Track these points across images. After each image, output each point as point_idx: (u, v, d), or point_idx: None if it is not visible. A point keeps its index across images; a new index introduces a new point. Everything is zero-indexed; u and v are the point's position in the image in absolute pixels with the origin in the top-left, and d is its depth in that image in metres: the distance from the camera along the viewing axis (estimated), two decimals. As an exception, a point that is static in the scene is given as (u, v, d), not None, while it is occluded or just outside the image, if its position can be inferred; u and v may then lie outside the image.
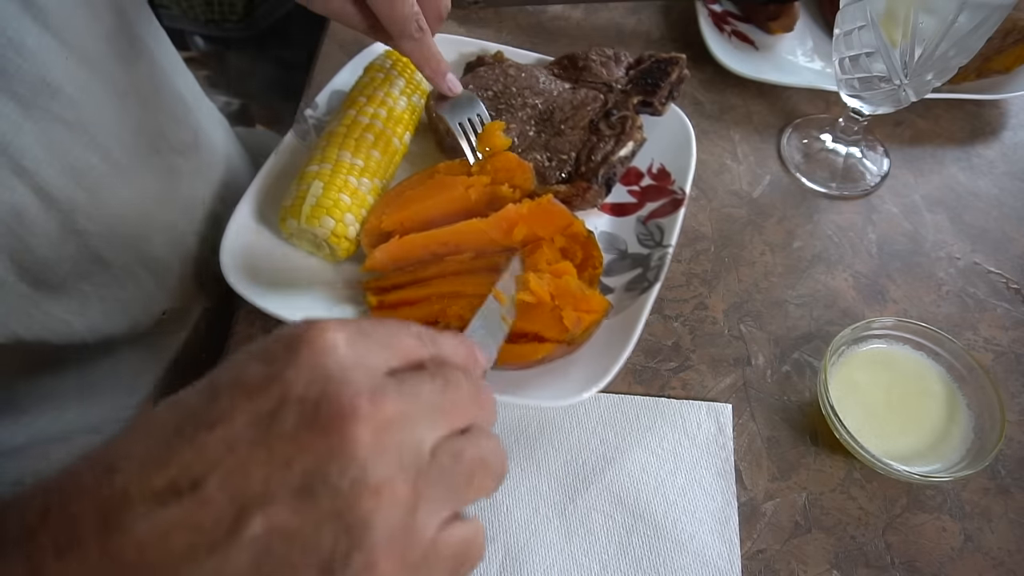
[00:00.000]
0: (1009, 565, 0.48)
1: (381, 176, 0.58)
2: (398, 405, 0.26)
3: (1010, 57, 0.72)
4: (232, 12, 0.98)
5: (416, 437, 0.26)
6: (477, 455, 0.28)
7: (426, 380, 0.28)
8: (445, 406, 0.28)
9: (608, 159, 0.58)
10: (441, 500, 0.26)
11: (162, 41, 0.56)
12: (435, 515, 0.26)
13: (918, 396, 0.52)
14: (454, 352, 0.31)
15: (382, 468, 0.24)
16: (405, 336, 0.29)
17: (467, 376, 0.30)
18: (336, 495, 0.23)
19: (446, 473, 0.26)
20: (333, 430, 0.24)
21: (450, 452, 0.27)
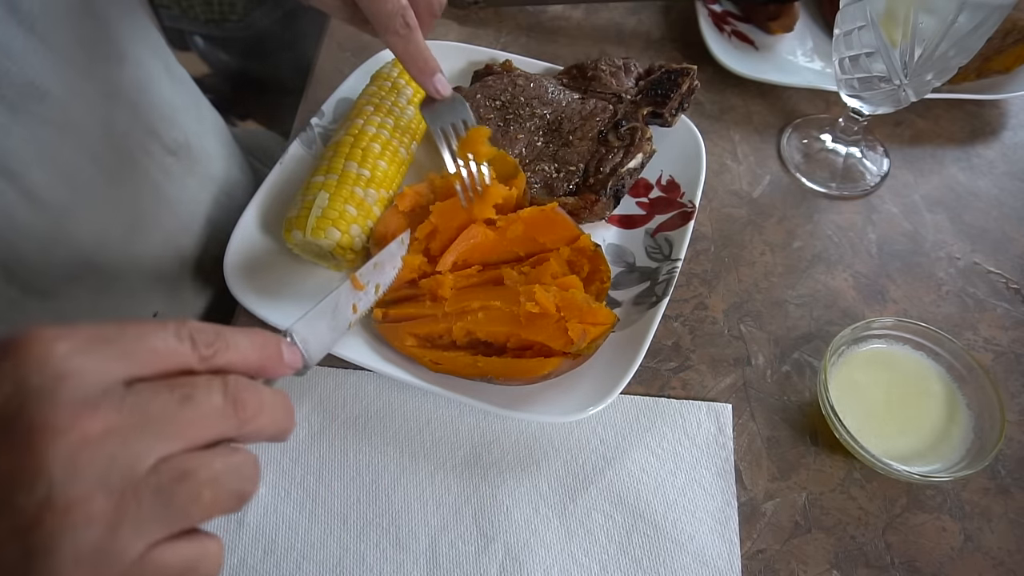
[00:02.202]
0: (1009, 565, 0.48)
1: (388, 186, 0.57)
2: (109, 419, 0.24)
3: (1010, 57, 0.72)
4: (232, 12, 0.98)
5: (129, 452, 0.24)
6: (210, 474, 0.26)
7: (162, 392, 0.26)
8: (180, 420, 0.26)
9: (617, 171, 0.58)
10: (155, 519, 0.25)
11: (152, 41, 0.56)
12: (144, 535, 0.24)
13: (918, 396, 0.52)
14: (242, 355, 0.30)
15: (76, 486, 0.23)
16: (161, 340, 0.27)
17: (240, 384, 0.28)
18: (18, 515, 0.22)
19: (164, 491, 0.25)
20: (22, 447, 0.23)
21: (176, 469, 0.25)
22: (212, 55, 1.06)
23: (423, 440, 0.51)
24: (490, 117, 0.62)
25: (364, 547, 0.47)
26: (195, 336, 0.28)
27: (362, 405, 0.52)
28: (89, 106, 0.46)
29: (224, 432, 0.27)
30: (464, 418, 0.52)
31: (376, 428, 0.52)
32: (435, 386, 0.49)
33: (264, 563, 0.46)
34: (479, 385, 0.49)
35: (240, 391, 0.28)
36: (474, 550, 0.47)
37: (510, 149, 0.60)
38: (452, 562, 0.47)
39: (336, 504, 0.48)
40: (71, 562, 0.23)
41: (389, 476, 0.50)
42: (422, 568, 0.46)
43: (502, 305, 0.50)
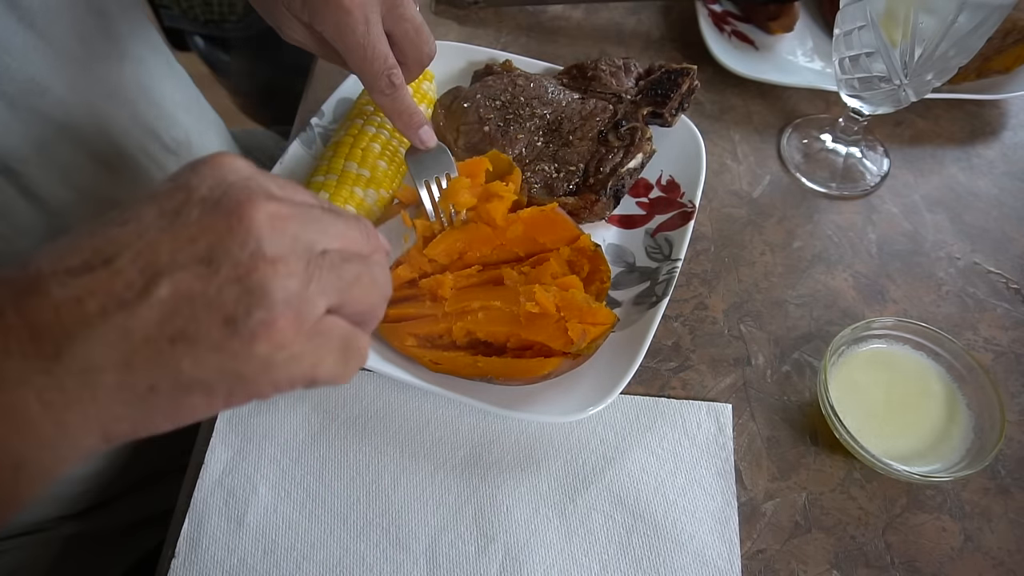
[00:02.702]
0: (1009, 565, 0.48)
1: (388, 187, 0.57)
2: (289, 210, 0.28)
3: (1010, 57, 0.72)
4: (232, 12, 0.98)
5: (308, 235, 0.29)
6: (365, 268, 0.31)
7: (320, 210, 0.31)
8: (337, 227, 0.30)
9: (617, 171, 0.58)
10: (330, 287, 0.29)
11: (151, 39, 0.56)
12: (325, 296, 0.29)
13: (918, 396, 0.52)
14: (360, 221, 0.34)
15: (277, 245, 0.27)
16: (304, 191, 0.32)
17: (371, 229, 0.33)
18: (237, 263, 0.26)
19: (335, 268, 0.29)
20: (233, 212, 0.27)
21: (340, 256, 0.30)
22: (212, 55, 1.06)
23: (423, 440, 0.51)
24: (490, 117, 0.62)
25: (364, 547, 0.47)
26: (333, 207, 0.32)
27: (362, 405, 0.52)
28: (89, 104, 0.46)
29: (362, 248, 0.32)
30: (464, 418, 0.52)
31: (376, 428, 0.52)
32: (435, 386, 0.49)
33: (264, 563, 0.46)
34: (479, 385, 0.49)
35: (369, 228, 0.33)
36: (474, 550, 0.47)
37: (510, 149, 0.60)
38: (452, 562, 0.47)
39: (336, 504, 0.48)
40: (281, 301, 0.27)
41: (389, 476, 0.50)
42: (422, 568, 0.46)
43: (502, 305, 0.50)
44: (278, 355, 0.27)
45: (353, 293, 0.30)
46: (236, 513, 0.48)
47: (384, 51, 0.46)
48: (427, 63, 0.51)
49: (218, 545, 0.47)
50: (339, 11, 0.43)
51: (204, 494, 0.48)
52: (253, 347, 0.26)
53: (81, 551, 0.63)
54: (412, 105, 0.50)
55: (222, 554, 0.46)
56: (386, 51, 0.46)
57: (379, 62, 0.46)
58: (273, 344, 0.27)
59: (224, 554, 0.46)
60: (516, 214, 0.54)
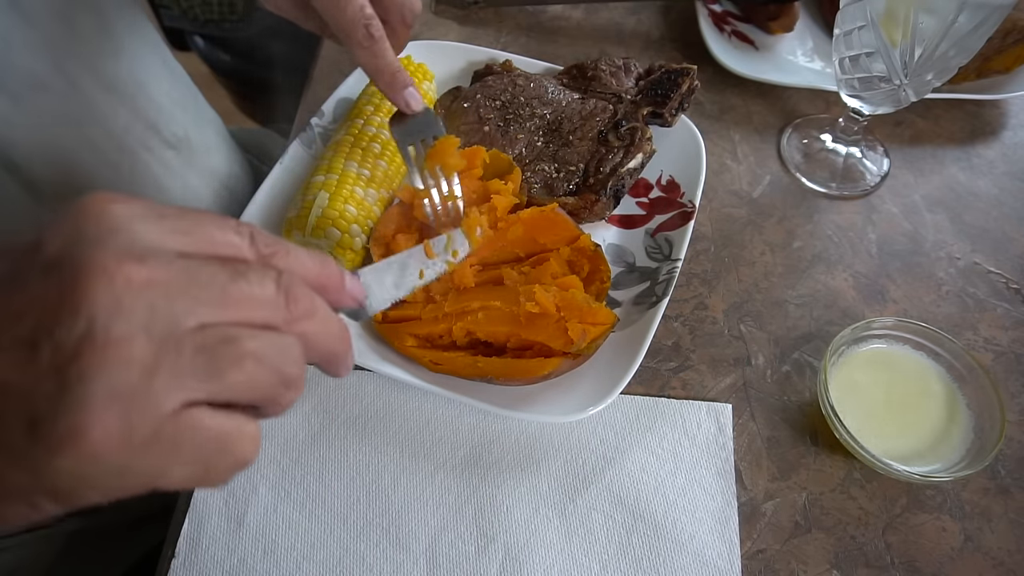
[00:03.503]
0: (1009, 565, 0.48)
1: (388, 186, 0.57)
2: (156, 273, 0.24)
3: (1010, 57, 0.72)
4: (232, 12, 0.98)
5: (173, 307, 0.24)
6: (254, 346, 0.25)
7: (214, 264, 0.25)
8: (229, 293, 0.25)
9: (617, 171, 0.58)
10: (194, 376, 0.24)
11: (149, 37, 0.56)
12: (181, 388, 0.23)
13: (918, 396, 0.52)
14: (301, 265, 0.29)
15: (117, 325, 0.22)
16: (219, 228, 0.27)
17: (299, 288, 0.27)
18: (58, 349, 0.22)
19: (207, 350, 0.24)
20: (68, 284, 0.23)
21: (220, 333, 0.24)
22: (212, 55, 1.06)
23: (423, 440, 0.51)
24: (490, 117, 0.62)
25: (364, 547, 0.47)
26: (255, 235, 0.27)
27: (362, 405, 0.52)
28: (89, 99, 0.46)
29: (271, 318, 0.26)
30: (464, 418, 0.52)
31: (376, 428, 0.52)
32: (435, 386, 0.49)
33: (264, 563, 0.46)
34: (479, 385, 0.49)
35: (294, 286, 0.27)
36: (474, 550, 0.47)
37: (510, 149, 0.60)
38: (452, 562, 0.47)
39: (336, 504, 0.48)
40: (104, 398, 0.22)
41: (389, 476, 0.50)
42: (422, 568, 0.46)
43: (502, 305, 0.50)
44: (90, 469, 0.22)
45: (231, 379, 0.25)
46: (236, 513, 0.48)
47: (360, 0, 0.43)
48: (410, 19, 0.46)
49: (218, 545, 0.47)
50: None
51: (204, 494, 0.48)
52: (56, 459, 0.22)
53: (84, 547, 0.63)
54: (395, 63, 0.46)
55: (222, 554, 0.46)
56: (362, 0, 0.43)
57: (354, 9, 0.42)
58: (80, 456, 0.22)
59: (224, 554, 0.46)
60: (516, 214, 0.54)
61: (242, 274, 0.26)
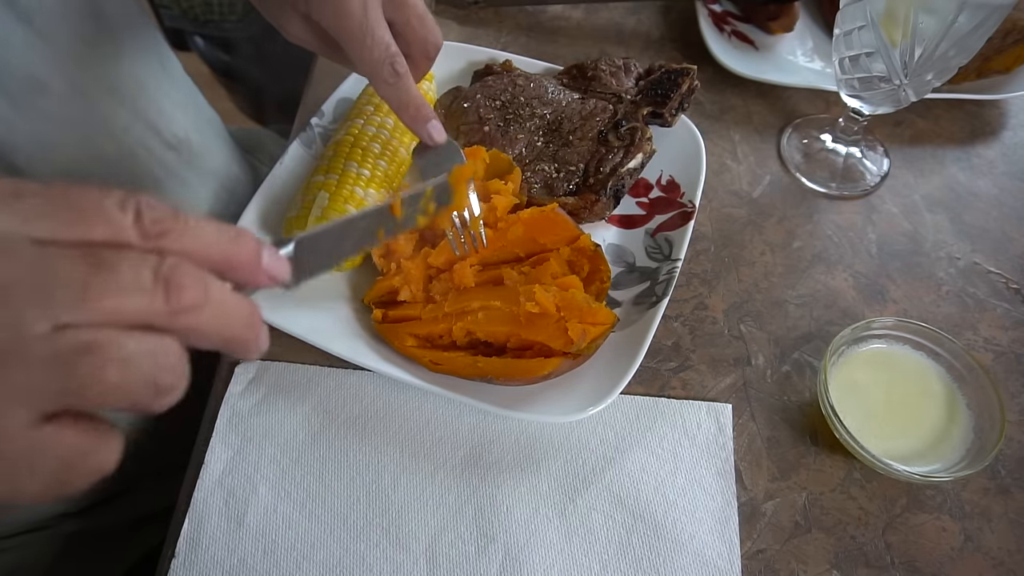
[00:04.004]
0: (1009, 565, 0.48)
1: (388, 187, 0.57)
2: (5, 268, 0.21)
3: (1010, 57, 0.72)
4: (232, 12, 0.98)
5: (16, 310, 0.21)
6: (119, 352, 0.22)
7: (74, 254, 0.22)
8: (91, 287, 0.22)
9: (617, 171, 0.58)
10: (44, 390, 0.21)
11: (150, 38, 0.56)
12: (27, 405, 0.21)
13: (918, 396, 0.52)
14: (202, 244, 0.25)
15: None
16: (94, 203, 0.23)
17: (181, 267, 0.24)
18: None
19: (59, 361, 0.21)
20: None
21: (78, 340, 0.22)
22: (212, 55, 1.06)
23: (423, 440, 0.51)
24: (490, 117, 0.62)
25: (364, 547, 0.47)
26: (143, 210, 0.24)
27: (362, 405, 0.52)
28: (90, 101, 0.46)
29: (146, 315, 0.23)
30: (464, 418, 0.52)
31: (376, 428, 0.52)
32: (435, 386, 0.49)
33: (264, 563, 0.46)
34: (479, 385, 0.49)
35: (178, 274, 0.23)
36: (474, 550, 0.47)
37: (510, 149, 0.60)
38: (452, 562, 0.47)
39: (336, 504, 0.48)
40: None
41: (389, 476, 0.50)
42: (422, 568, 0.46)
43: (502, 305, 0.50)
44: None
45: (90, 392, 0.22)
46: (236, 513, 0.48)
47: (385, 37, 0.43)
48: (433, 55, 0.48)
49: (218, 545, 0.47)
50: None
51: (204, 494, 0.48)
52: None
53: (83, 548, 0.63)
54: (418, 97, 0.47)
55: (222, 554, 0.46)
56: (387, 37, 0.43)
57: (380, 49, 0.43)
58: None
59: (224, 554, 0.46)
60: (516, 214, 0.54)
61: (109, 265, 0.22)
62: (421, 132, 0.48)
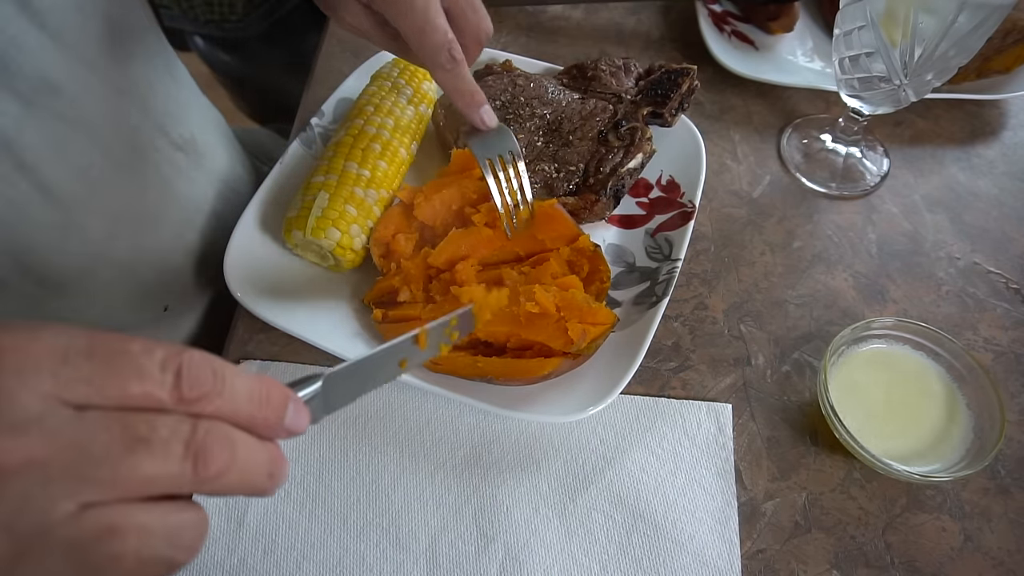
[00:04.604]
0: (1009, 565, 0.48)
1: (388, 187, 0.57)
2: (34, 450, 0.21)
3: (1010, 57, 0.72)
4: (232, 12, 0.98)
5: (48, 494, 0.21)
6: (139, 535, 0.23)
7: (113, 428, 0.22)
8: (124, 467, 0.22)
9: (617, 171, 0.58)
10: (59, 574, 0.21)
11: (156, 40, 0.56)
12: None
13: (918, 396, 0.52)
14: (233, 408, 0.26)
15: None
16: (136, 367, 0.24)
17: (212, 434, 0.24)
18: None
19: (79, 548, 0.21)
20: None
21: (100, 523, 0.22)
22: (212, 55, 1.06)
23: (423, 440, 0.51)
24: (490, 117, 0.62)
25: (364, 547, 0.47)
26: (184, 372, 0.25)
27: (362, 405, 0.52)
28: (100, 102, 0.47)
29: (175, 488, 0.24)
30: (464, 418, 0.52)
31: (376, 428, 0.52)
32: (435, 386, 0.49)
33: (264, 563, 0.46)
34: (479, 385, 0.49)
35: (209, 443, 0.24)
36: (474, 550, 0.47)
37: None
38: (452, 562, 0.47)
39: (336, 504, 0.48)
40: None
41: (389, 476, 0.50)
42: (422, 568, 0.46)
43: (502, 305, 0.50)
44: None
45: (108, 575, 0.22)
46: (236, 513, 0.48)
47: (443, 24, 0.44)
48: (484, 41, 0.50)
49: (218, 545, 0.47)
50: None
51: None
52: None
53: None
54: (473, 83, 0.49)
55: (222, 554, 0.46)
56: (445, 25, 0.45)
57: (439, 35, 0.44)
58: None
59: (224, 554, 0.46)
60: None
61: (144, 441, 0.23)
62: (474, 117, 0.50)
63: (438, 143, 0.65)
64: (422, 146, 0.64)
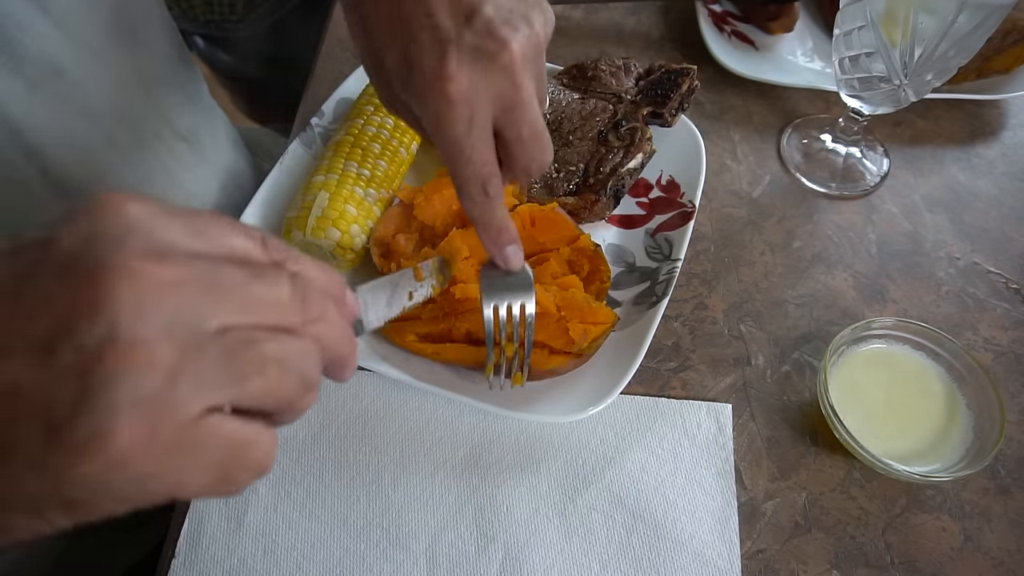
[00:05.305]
0: (1009, 565, 0.48)
1: (388, 186, 0.57)
2: (177, 272, 0.23)
3: (1010, 57, 0.72)
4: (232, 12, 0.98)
5: (195, 308, 0.23)
6: (276, 349, 0.25)
7: (230, 265, 0.25)
8: (248, 294, 0.24)
9: (617, 171, 0.58)
10: (217, 380, 0.23)
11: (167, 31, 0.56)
12: (204, 393, 0.23)
13: (918, 396, 0.52)
14: (312, 273, 0.28)
15: (140, 328, 0.21)
16: (230, 231, 0.26)
17: (312, 291, 0.27)
18: (79, 351, 0.21)
19: (230, 353, 0.23)
20: (88, 283, 0.21)
21: (243, 337, 0.24)
22: (212, 55, 1.06)
23: (423, 440, 0.51)
24: (490, 117, 0.62)
25: (364, 547, 0.47)
26: (266, 239, 0.27)
27: (362, 405, 0.52)
28: (105, 90, 0.47)
29: (286, 321, 0.26)
30: (464, 418, 0.52)
31: (376, 428, 0.52)
32: (435, 386, 0.49)
33: (264, 563, 0.46)
34: (479, 385, 0.49)
35: (309, 289, 0.27)
36: (474, 550, 0.47)
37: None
38: (452, 562, 0.47)
39: (336, 504, 0.48)
40: (127, 405, 0.21)
41: (389, 476, 0.50)
42: (422, 568, 0.46)
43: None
44: (115, 476, 0.21)
45: (254, 385, 0.24)
46: (236, 513, 0.48)
47: (485, 155, 0.38)
48: (536, 173, 0.42)
49: (218, 545, 0.47)
50: (442, 101, 0.36)
51: (204, 494, 0.48)
52: (78, 466, 0.21)
53: (84, 548, 0.63)
54: (504, 219, 0.41)
55: (222, 554, 0.46)
56: (487, 156, 0.38)
57: (476, 166, 0.38)
58: (106, 463, 0.21)
59: (224, 554, 0.46)
60: (515, 211, 0.54)
61: (259, 276, 0.25)
62: (497, 256, 0.43)
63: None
64: (422, 146, 0.64)
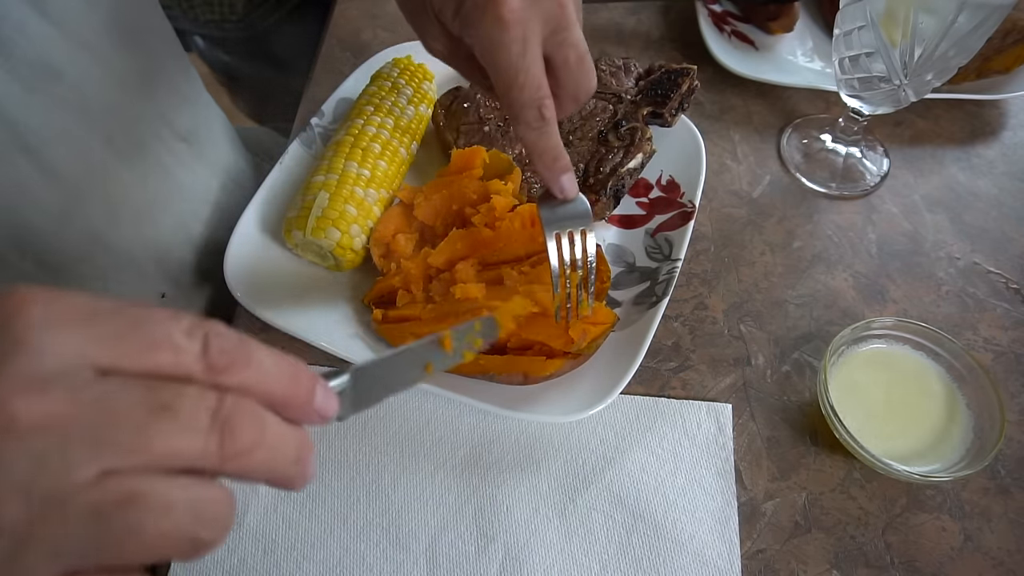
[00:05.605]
0: (1009, 565, 0.48)
1: (388, 186, 0.57)
2: (55, 408, 0.20)
3: (1010, 57, 0.72)
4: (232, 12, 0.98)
5: (67, 456, 0.20)
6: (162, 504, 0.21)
7: (136, 391, 0.21)
8: (147, 432, 0.21)
9: (617, 171, 0.58)
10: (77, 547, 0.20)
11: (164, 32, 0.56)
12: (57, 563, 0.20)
13: (918, 396, 0.52)
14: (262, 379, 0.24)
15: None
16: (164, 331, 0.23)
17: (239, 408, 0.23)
18: None
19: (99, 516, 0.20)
20: None
21: (122, 490, 0.20)
22: (212, 55, 1.06)
23: (423, 440, 0.51)
24: (490, 117, 0.62)
25: (364, 547, 0.47)
26: (211, 339, 0.23)
27: (362, 405, 0.52)
28: (104, 90, 0.47)
29: (198, 462, 0.22)
30: (464, 418, 0.52)
31: (376, 428, 0.52)
32: (435, 386, 0.49)
33: (264, 563, 0.46)
34: (479, 385, 0.49)
35: (236, 416, 0.23)
36: (474, 550, 0.47)
37: (510, 149, 0.60)
38: (452, 562, 0.47)
39: (336, 504, 0.48)
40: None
41: (389, 476, 0.50)
42: (422, 568, 0.46)
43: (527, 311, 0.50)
44: None
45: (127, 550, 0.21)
46: (236, 513, 0.48)
47: (539, 78, 0.38)
48: (584, 100, 0.43)
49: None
50: (496, 24, 0.36)
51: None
52: None
53: None
54: (559, 146, 0.42)
55: (222, 554, 0.46)
56: (541, 78, 0.39)
57: (531, 89, 0.38)
58: None
59: (224, 554, 0.46)
60: (515, 211, 0.54)
61: (168, 407, 0.21)
62: (553, 184, 0.43)
63: (438, 143, 0.65)
64: (422, 146, 0.64)
